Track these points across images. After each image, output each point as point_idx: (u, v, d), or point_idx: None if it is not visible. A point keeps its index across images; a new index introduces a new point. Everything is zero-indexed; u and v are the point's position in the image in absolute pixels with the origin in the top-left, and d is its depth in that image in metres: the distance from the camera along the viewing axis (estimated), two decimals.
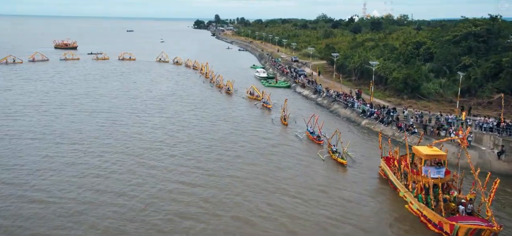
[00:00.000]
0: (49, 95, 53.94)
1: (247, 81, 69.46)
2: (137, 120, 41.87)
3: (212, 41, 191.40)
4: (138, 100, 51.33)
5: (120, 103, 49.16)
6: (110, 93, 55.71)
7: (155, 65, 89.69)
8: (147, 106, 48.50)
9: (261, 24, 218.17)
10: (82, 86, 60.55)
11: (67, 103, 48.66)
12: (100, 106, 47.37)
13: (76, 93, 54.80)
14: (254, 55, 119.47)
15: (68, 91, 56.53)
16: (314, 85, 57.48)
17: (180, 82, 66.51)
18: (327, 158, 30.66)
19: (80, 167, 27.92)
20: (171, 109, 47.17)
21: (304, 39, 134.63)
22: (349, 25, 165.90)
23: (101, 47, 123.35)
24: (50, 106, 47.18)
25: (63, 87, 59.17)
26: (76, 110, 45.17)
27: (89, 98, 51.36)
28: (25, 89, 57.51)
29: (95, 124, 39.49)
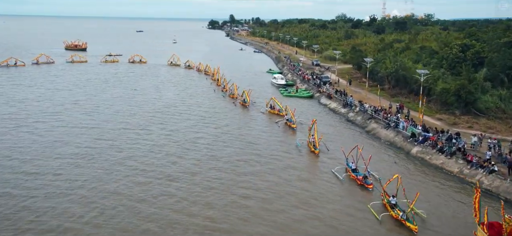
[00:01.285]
0: (31, 104, 46.85)
1: (262, 89, 61.05)
2: (131, 140, 34.02)
3: (226, 42, 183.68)
4: (137, 112, 43.55)
5: (115, 116, 41.44)
6: (106, 102, 48.23)
7: (166, 69, 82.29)
8: (147, 119, 40.66)
9: (277, 24, 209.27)
10: (77, 93, 53.21)
11: (49, 115, 41.24)
12: (89, 120, 39.71)
13: (65, 102, 47.56)
14: (270, 58, 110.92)
15: (58, 99, 49.37)
16: (343, 96, 48.60)
17: (189, 90, 58.54)
18: (384, 217, 21.25)
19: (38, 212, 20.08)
20: (175, 124, 39.19)
21: (324, 40, 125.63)
22: (371, 25, 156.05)
23: (111, 49, 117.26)
24: (26, 119, 39.90)
25: (54, 95, 52.03)
26: (56, 125, 37.74)
27: (78, 110, 43.75)
28: (10, 96, 50.49)
29: (75, 145, 31.71)
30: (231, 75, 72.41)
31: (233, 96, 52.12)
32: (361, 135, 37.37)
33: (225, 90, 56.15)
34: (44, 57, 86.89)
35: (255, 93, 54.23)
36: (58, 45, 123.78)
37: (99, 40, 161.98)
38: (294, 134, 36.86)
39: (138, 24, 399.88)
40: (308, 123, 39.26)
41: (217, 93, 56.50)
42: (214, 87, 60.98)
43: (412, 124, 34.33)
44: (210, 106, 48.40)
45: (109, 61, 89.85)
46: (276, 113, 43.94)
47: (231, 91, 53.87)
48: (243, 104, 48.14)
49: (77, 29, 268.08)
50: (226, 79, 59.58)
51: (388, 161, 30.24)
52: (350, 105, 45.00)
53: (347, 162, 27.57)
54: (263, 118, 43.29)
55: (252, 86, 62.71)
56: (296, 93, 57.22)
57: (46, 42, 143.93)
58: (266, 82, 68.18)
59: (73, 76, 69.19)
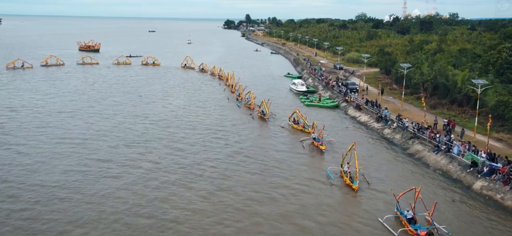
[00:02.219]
0: (21, 113, 41.81)
1: (280, 97, 54.87)
2: (127, 161, 28.38)
3: (242, 42, 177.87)
4: (138, 124, 37.89)
5: (113, 129, 35.80)
6: (105, 111, 42.73)
7: (179, 72, 76.93)
8: (149, 134, 34.91)
9: (294, 24, 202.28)
10: (77, 100, 48.00)
11: (37, 128, 35.83)
12: (82, 134, 34.16)
13: (61, 111, 42.26)
14: (287, 60, 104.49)
15: (53, 107, 44.25)
16: (376, 108, 41.94)
17: (200, 96, 52.67)
18: None
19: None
20: (180, 140, 33.34)
21: (345, 41, 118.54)
22: (394, 25, 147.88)
23: (124, 49, 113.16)
24: (9, 132, 34.68)
25: (51, 102, 46.97)
26: (42, 140, 32.35)
27: (72, 121, 38.26)
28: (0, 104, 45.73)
29: (60, 170, 26.13)
30: (246, 80, 66.66)
31: (250, 106, 45.94)
32: (403, 160, 30.76)
33: (240, 98, 50.09)
34: (53, 58, 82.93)
35: (273, 101, 48.12)
36: (72, 45, 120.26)
37: (113, 41, 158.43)
38: (323, 158, 30.48)
39: (154, 24, 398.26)
40: (339, 144, 33.02)
41: (231, 101, 50.52)
42: (228, 94, 55.00)
43: (470, 148, 27.56)
44: (223, 117, 42.41)
45: (121, 63, 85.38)
46: (301, 129, 37.54)
47: (247, 100, 47.73)
48: (261, 116, 41.93)
49: (92, 29, 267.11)
50: (241, 85, 53.33)
51: (444, 199, 23.65)
52: (386, 120, 38.33)
53: (398, 208, 20.96)
54: (285, 134, 36.99)
55: (269, 92, 56.83)
56: (319, 102, 50.71)
57: (60, 43, 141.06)
58: (284, 88, 61.95)
59: (78, 80, 64.40)
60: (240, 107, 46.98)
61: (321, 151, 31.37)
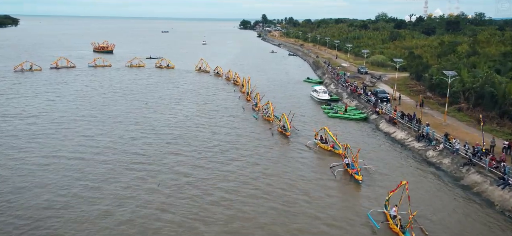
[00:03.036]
0: (12, 123, 37.47)
1: (300, 105, 49.24)
2: (121, 188, 23.40)
3: (258, 43, 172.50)
4: (140, 139, 32.95)
5: (110, 146, 30.90)
6: (105, 123, 37.86)
7: (193, 76, 72.09)
8: (146, 154, 29.88)
9: (312, 24, 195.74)
10: (77, 109, 43.41)
11: (25, 142, 31.16)
12: (75, 152, 29.33)
13: (56, 121, 37.59)
14: (306, 62, 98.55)
15: (49, 116, 39.67)
16: (415, 123, 35.91)
17: (212, 104, 47.48)
18: None
19: None
20: (185, 163, 28.17)
21: (367, 42, 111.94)
22: (418, 25, 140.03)
23: (138, 50, 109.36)
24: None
25: (48, 110, 42.67)
26: (27, 159, 27.60)
27: (68, 134, 33.53)
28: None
29: (36, 203, 21.23)
30: (263, 84, 61.37)
31: (269, 119, 40.39)
32: (458, 195, 24.80)
33: (257, 109, 44.63)
34: (64, 60, 79.32)
35: (293, 110, 42.58)
36: (88, 46, 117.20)
37: (127, 41, 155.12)
38: (360, 192, 24.80)
39: (169, 24, 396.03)
40: (378, 173, 27.21)
41: (247, 112, 45.10)
42: (243, 102, 49.60)
43: None
44: (237, 132, 37.06)
45: (134, 66, 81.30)
46: (330, 150, 31.84)
47: (265, 112, 42.14)
48: (281, 131, 36.37)
49: (106, 29, 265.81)
50: (259, 93, 47.82)
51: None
52: (429, 139, 32.31)
53: None
54: (311, 157, 31.32)
55: (287, 100, 51.38)
56: (345, 113, 44.84)
57: (76, 43, 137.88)
58: (304, 96, 56.26)
59: (85, 84, 60.12)
60: (257, 120, 41.51)
61: (356, 181, 25.68)
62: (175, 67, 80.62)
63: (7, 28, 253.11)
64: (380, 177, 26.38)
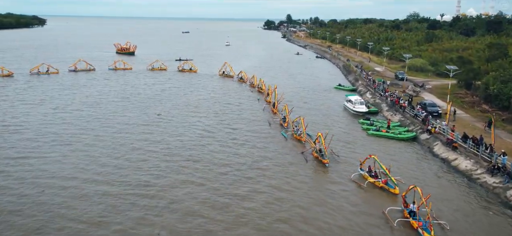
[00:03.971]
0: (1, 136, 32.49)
1: (333, 118, 42.58)
2: (125, 221, 17.84)
3: (282, 44, 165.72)
4: (142, 163, 27.26)
5: (107, 171, 25.41)
6: (109, 138, 32.41)
7: (216, 81, 66.45)
8: (152, 183, 24.14)
9: (339, 24, 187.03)
10: (80, 119, 38.26)
11: (11, 157, 26.02)
12: (63, 183, 23.93)
13: (50, 133, 32.31)
14: (336, 66, 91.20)
15: (44, 128, 34.57)
16: (485, 150, 28.57)
17: (234, 116, 41.42)
18: None
19: None
20: (193, 199, 22.23)
21: (401, 43, 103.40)
22: (455, 26, 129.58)
23: (160, 51, 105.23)
24: None
25: (45, 121, 37.47)
26: (10, 183, 22.27)
27: (63, 150, 28.32)
28: None
29: None
30: (289, 91, 55.14)
31: (301, 139, 33.91)
32: None
33: (286, 124, 38.22)
34: (83, 63, 75.41)
35: (326, 125, 36.00)
36: (111, 47, 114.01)
37: (149, 42, 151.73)
38: None
39: (196, 25, 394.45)
40: (451, 221, 20.34)
41: (273, 127, 38.80)
42: (269, 116, 43.27)
43: None
44: (262, 152, 30.88)
45: (156, 69, 76.45)
46: (382, 186, 25.06)
47: (296, 129, 35.59)
48: (317, 157, 29.85)
49: (128, 30, 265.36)
50: (287, 106, 41.35)
51: None
52: (508, 174, 25.05)
53: None
54: (359, 195, 24.62)
55: (318, 112, 44.88)
56: (388, 131, 37.80)
57: (99, 44, 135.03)
58: (336, 106, 49.55)
59: (97, 90, 55.44)
60: (286, 139, 35.04)
61: (416, 232, 18.97)
62: (198, 71, 75.27)
63: (33, 29, 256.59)
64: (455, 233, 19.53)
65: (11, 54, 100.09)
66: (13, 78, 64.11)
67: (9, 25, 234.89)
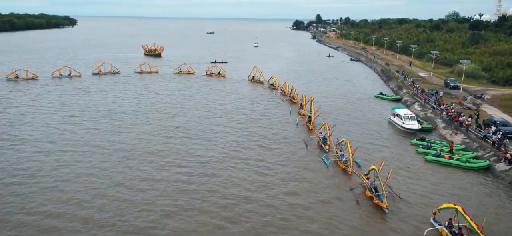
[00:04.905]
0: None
1: (379, 136, 35.68)
2: None
3: (313, 45, 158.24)
4: (150, 194, 21.72)
5: (103, 205, 20.06)
6: (112, 161, 27.15)
7: (244, 87, 60.57)
8: (153, 226, 18.66)
9: (373, 24, 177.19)
10: (88, 133, 33.33)
11: None
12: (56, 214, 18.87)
13: (48, 152, 27.42)
14: (373, 71, 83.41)
15: (41, 144, 29.63)
16: None
17: (263, 131, 35.37)
18: None
19: None
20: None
21: (443, 45, 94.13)
22: (502, 26, 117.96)
23: (187, 53, 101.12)
24: None
25: (49, 133, 32.64)
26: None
27: (60, 177, 23.26)
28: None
29: None
30: (324, 101, 48.52)
31: (347, 169, 27.32)
32: None
33: (327, 147, 31.66)
34: (107, 66, 71.71)
35: (372, 144, 29.35)
36: (139, 49, 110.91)
37: (177, 43, 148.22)
38: None
39: (225, 24, 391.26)
40: None
41: (311, 149, 32.42)
42: (305, 135, 36.68)
43: None
44: (298, 186, 24.70)
45: (183, 73, 71.71)
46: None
47: (340, 155, 28.91)
48: (372, 198, 23.11)
49: (154, 30, 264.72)
50: (328, 124, 34.72)
51: None
52: None
53: None
54: None
55: (359, 126, 38.16)
56: (451, 156, 30.58)
57: (128, 46, 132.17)
58: (380, 119, 42.64)
59: (116, 96, 50.83)
60: (328, 167, 28.60)
61: None
62: (227, 75, 69.84)
63: (63, 29, 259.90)
64: None
65: (38, 55, 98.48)
66: (38, 81, 61.25)
67: (39, 25, 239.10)
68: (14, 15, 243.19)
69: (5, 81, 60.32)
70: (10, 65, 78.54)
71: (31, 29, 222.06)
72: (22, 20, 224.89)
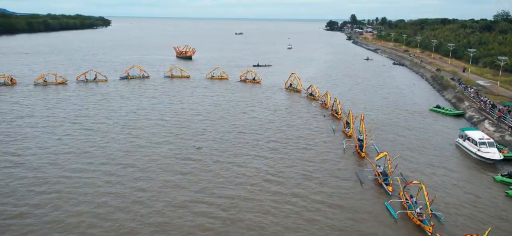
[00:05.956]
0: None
1: (447, 169, 27.52)
2: None
3: (349, 47, 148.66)
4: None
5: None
6: (118, 193, 21.22)
7: (280, 96, 53.43)
8: None
9: (414, 24, 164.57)
10: (92, 150, 27.73)
11: None
12: None
13: (41, 184, 21.92)
14: (420, 77, 74.02)
15: (37, 164, 24.12)
16: None
17: (303, 157, 28.40)
18: None
19: None
20: None
21: (498, 48, 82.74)
22: None
23: (220, 56, 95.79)
24: None
25: (49, 151, 27.23)
26: None
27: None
28: None
29: None
30: (369, 112, 40.82)
31: (426, 227, 19.66)
32: None
33: (390, 188, 24.05)
34: (136, 70, 67.10)
35: (437, 178, 21.69)
36: (171, 51, 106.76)
37: (207, 43, 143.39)
38: None
39: (258, 25, 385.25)
40: None
41: (367, 187, 25.04)
42: (357, 169, 28.64)
43: None
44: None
45: (216, 78, 65.64)
46: None
47: (413, 203, 21.25)
48: None
49: (190, 31, 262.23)
50: (387, 153, 27.08)
51: None
52: None
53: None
54: None
55: (419, 153, 30.35)
56: None
57: (161, 47, 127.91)
58: (441, 140, 34.62)
59: (139, 105, 45.53)
60: (396, 220, 21.05)
61: None
62: (262, 81, 63.16)
63: (97, 30, 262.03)
64: None
65: (67, 56, 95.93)
66: (67, 85, 57.71)
67: (74, 26, 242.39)
68: (49, 16, 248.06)
69: (32, 87, 56.54)
70: (37, 66, 75.98)
71: (65, 30, 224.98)
72: (56, 21, 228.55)
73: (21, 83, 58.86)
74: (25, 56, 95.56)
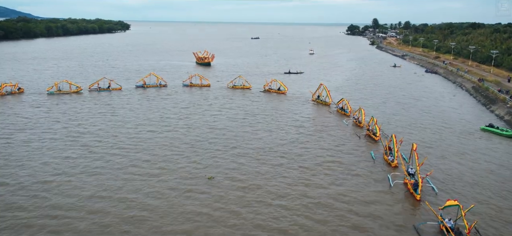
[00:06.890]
0: None
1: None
2: None
3: (373, 52, 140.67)
4: None
5: None
6: None
7: (307, 109, 47.40)
8: None
9: (443, 29, 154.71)
10: (82, 182, 22.60)
11: None
12: None
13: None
14: (459, 87, 66.45)
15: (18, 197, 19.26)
16: None
17: (335, 194, 22.55)
18: None
19: None
20: None
21: None
22: None
23: (240, 63, 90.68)
24: None
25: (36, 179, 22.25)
26: None
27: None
28: None
29: None
30: (406, 132, 34.28)
31: None
32: None
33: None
34: (153, 78, 62.46)
35: None
36: (191, 56, 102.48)
37: (225, 49, 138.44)
38: None
39: (277, 29, 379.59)
40: None
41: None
42: (419, 227, 21.46)
43: None
44: None
45: (237, 87, 59.93)
46: None
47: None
48: None
49: (209, 36, 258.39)
50: (458, 203, 20.84)
51: None
52: None
53: None
54: None
55: (479, 186, 23.62)
56: None
57: (181, 53, 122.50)
58: (504, 171, 27.96)
59: (149, 119, 40.58)
60: None
61: None
62: (288, 91, 56.85)
63: (115, 34, 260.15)
64: None
65: (80, 62, 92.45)
66: (82, 94, 53.70)
67: (92, 30, 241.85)
68: (68, 20, 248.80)
69: (45, 96, 52.52)
70: (48, 73, 72.61)
71: (84, 34, 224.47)
72: (75, 26, 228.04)
73: (32, 92, 54.92)
74: (37, 61, 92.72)
